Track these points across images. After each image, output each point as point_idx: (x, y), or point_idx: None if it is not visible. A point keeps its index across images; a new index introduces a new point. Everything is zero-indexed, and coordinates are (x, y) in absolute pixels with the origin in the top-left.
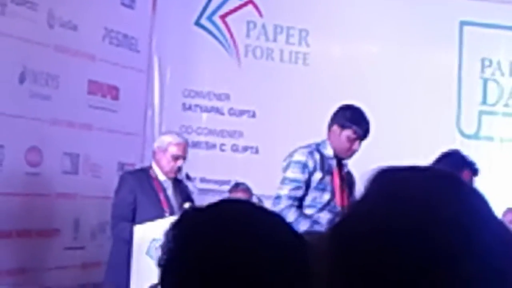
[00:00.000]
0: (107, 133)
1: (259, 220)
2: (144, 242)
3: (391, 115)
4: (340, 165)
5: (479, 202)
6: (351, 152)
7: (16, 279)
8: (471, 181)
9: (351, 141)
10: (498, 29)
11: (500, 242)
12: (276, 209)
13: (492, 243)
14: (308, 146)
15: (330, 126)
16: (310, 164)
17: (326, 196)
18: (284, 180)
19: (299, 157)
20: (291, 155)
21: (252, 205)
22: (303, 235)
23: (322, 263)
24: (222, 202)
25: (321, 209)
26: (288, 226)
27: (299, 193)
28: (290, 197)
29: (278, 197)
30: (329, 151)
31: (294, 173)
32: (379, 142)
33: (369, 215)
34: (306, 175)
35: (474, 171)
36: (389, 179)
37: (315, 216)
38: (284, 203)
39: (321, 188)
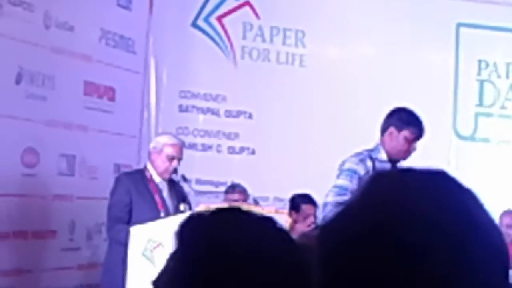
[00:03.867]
0: (103, 135)
1: (252, 229)
2: (140, 243)
3: None
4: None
5: (473, 204)
6: (408, 153)
7: (12, 280)
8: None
9: (409, 142)
10: (494, 31)
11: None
12: (322, 216)
13: (485, 250)
14: (359, 154)
15: (384, 129)
16: (361, 171)
17: None
18: (332, 188)
19: (349, 165)
20: (342, 163)
21: (243, 213)
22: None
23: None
24: (227, 210)
25: None
26: (284, 232)
27: (345, 199)
28: (336, 204)
29: (325, 205)
30: (382, 155)
31: (343, 180)
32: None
33: (355, 219)
34: (355, 182)
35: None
36: (381, 183)
37: None
38: (330, 210)
39: None
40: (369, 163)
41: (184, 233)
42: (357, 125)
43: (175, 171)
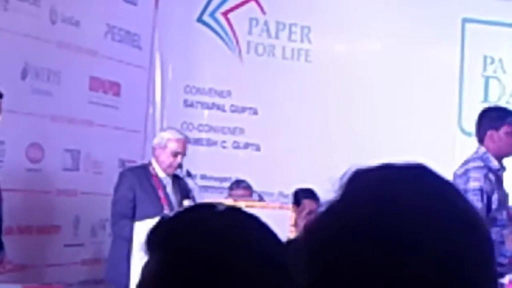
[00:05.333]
0: (108, 130)
1: (237, 227)
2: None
3: (392, 112)
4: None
5: (455, 195)
6: None
7: (17, 275)
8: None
9: (511, 134)
10: (500, 27)
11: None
12: None
13: (471, 240)
14: (479, 168)
15: (482, 136)
16: (487, 189)
17: (504, 212)
18: None
19: (474, 183)
20: (467, 178)
21: (225, 210)
22: None
23: (297, 266)
24: (194, 208)
25: (503, 226)
26: (267, 228)
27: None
28: None
29: None
30: (494, 163)
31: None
32: (380, 139)
33: (341, 217)
34: (485, 202)
35: None
36: (362, 180)
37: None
38: None
39: (499, 208)
40: (491, 176)
41: (155, 239)
42: (363, 121)
43: (179, 166)
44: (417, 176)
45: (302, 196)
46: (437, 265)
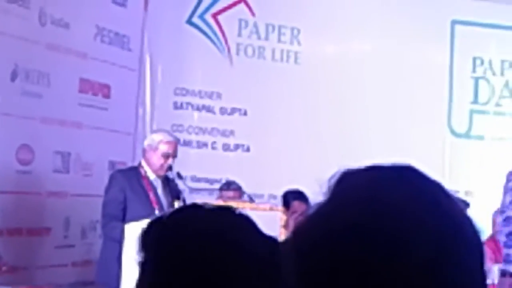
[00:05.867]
0: (98, 132)
1: (226, 227)
2: (135, 240)
3: (382, 114)
4: None
5: (442, 195)
6: None
7: (7, 277)
8: None
9: None
10: (489, 28)
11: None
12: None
13: (459, 240)
14: None
15: None
16: None
17: None
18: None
19: None
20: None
21: (214, 210)
22: None
23: (286, 267)
24: (183, 209)
25: None
26: (255, 228)
27: None
28: None
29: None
30: None
31: None
32: (370, 140)
33: (330, 218)
34: None
35: None
36: (350, 181)
37: None
38: None
39: None
40: None
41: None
42: (353, 122)
43: (170, 168)
44: (405, 177)
45: (291, 197)
46: (424, 267)
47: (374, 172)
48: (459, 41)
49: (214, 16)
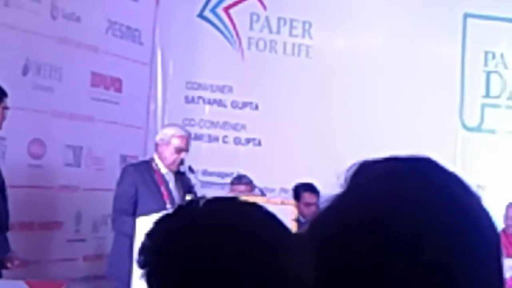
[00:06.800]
0: (109, 126)
1: (239, 220)
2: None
3: (393, 108)
4: None
5: (459, 188)
6: None
7: (19, 271)
8: None
9: None
10: (501, 22)
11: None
12: None
13: (476, 233)
14: None
15: None
16: None
17: None
18: None
19: None
20: None
21: (228, 203)
22: None
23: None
24: (192, 204)
25: None
26: (270, 219)
27: None
28: None
29: None
30: None
31: None
32: (382, 134)
33: (348, 211)
34: None
35: None
36: (368, 173)
37: None
38: None
39: None
40: None
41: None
42: (364, 116)
43: (182, 162)
44: (422, 169)
45: (302, 189)
46: (441, 260)
47: (392, 163)
48: (471, 35)
49: (226, 10)
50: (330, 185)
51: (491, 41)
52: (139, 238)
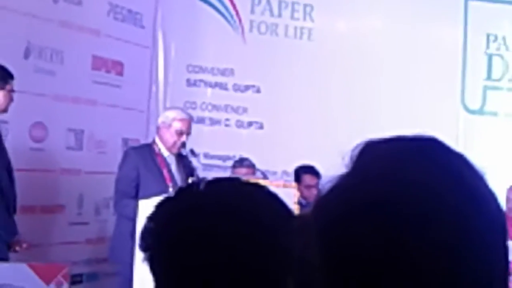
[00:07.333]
0: (111, 109)
1: (242, 201)
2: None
3: (395, 90)
4: None
5: (465, 168)
6: None
7: (21, 254)
8: None
9: None
10: (503, 4)
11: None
12: None
13: (482, 214)
14: None
15: None
16: None
17: None
18: None
19: None
20: None
21: (231, 183)
22: None
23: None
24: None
25: None
26: (272, 199)
27: None
28: None
29: None
30: None
31: None
32: (383, 117)
33: (352, 192)
34: None
35: None
36: (373, 153)
37: None
38: None
39: None
40: None
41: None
42: (366, 99)
43: (183, 145)
44: (428, 149)
45: (302, 171)
46: (447, 243)
47: (397, 143)
48: (473, 17)
49: None
50: (332, 167)
51: (493, 23)
52: (141, 221)
